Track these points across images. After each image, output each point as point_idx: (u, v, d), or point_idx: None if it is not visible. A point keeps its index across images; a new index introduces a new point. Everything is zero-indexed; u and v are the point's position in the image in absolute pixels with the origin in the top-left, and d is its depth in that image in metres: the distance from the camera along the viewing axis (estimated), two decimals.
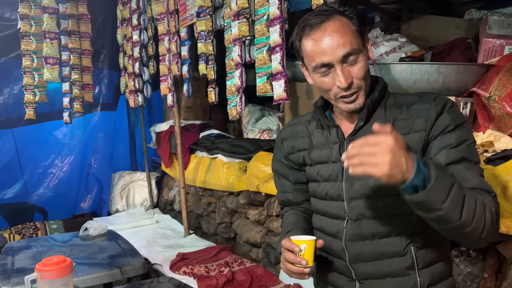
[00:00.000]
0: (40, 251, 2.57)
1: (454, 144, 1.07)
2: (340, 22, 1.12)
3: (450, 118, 1.09)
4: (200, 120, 4.19)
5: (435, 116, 1.09)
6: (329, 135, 1.24)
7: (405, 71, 2.01)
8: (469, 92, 2.12)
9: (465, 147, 1.08)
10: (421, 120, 1.11)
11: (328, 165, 1.23)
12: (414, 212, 1.05)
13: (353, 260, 1.18)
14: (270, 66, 2.24)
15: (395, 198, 1.10)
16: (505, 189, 1.53)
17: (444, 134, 1.09)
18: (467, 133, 1.10)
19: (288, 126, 1.39)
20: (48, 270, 1.72)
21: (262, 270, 2.59)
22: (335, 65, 1.11)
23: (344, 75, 1.11)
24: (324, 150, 1.24)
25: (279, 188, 1.45)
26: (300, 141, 1.31)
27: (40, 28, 3.95)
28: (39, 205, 4.17)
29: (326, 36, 1.10)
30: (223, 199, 3.40)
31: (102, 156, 4.50)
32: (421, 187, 0.92)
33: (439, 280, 1.18)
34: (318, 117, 1.26)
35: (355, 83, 1.13)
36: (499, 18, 2.51)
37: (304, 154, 1.30)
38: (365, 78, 1.14)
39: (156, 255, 2.99)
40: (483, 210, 0.98)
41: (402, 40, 2.90)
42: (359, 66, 1.12)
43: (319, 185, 1.27)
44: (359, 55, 1.12)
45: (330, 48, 1.10)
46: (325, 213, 1.26)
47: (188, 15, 3.01)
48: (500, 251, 1.59)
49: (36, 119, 4.05)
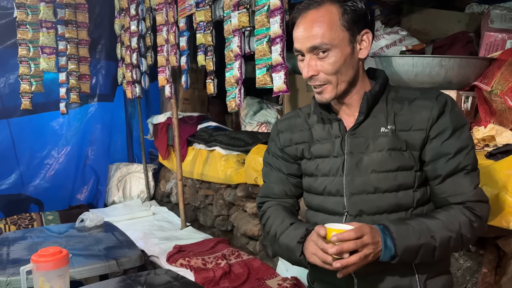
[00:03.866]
0: (36, 242, 2.54)
1: (452, 155, 1.10)
2: (324, 13, 1.10)
3: (451, 120, 1.10)
4: (198, 112, 4.17)
5: (437, 116, 1.10)
6: (330, 129, 1.22)
7: (407, 64, 1.99)
8: (470, 86, 2.10)
9: (463, 156, 1.10)
10: (423, 118, 1.12)
11: (329, 160, 1.21)
12: (412, 207, 1.09)
13: None
14: (270, 57, 2.21)
15: (394, 194, 1.12)
16: (506, 183, 1.52)
17: (443, 140, 1.10)
18: (465, 139, 1.12)
19: (285, 118, 1.37)
20: (44, 261, 1.69)
21: (259, 263, 2.59)
22: (304, 54, 1.13)
23: (309, 66, 1.12)
24: (326, 144, 1.22)
25: (268, 178, 1.39)
26: (299, 134, 1.29)
27: (37, 17, 3.89)
28: (35, 196, 4.14)
29: (303, 23, 1.12)
30: (221, 192, 3.39)
31: (99, 148, 4.46)
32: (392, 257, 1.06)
33: (437, 274, 1.20)
34: (319, 111, 1.23)
35: (322, 76, 1.13)
36: (501, 12, 2.49)
37: (303, 147, 1.28)
38: (337, 74, 1.12)
39: (153, 247, 2.98)
40: (460, 238, 1.09)
41: (402, 34, 2.88)
42: (329, 61, 1.11)
43: (316, 180, 1.24)
44: (330, 50, 1.10)
45: (301, 36, 1.12)
46: (321, 208, 1.24)
47: (187, 5, 2.98)
48: (500, 246, 1.58)
49: (32, 110, 4.01)
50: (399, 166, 1.13)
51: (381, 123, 1.15)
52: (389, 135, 1.13)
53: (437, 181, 1.13)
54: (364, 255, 1.00)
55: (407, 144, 1.13)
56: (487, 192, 1.31)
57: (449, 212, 1.10)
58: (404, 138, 1.13)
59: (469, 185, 1.11)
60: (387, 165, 1.13)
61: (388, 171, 1.13)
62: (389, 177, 1.13)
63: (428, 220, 1.09)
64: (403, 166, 1.13)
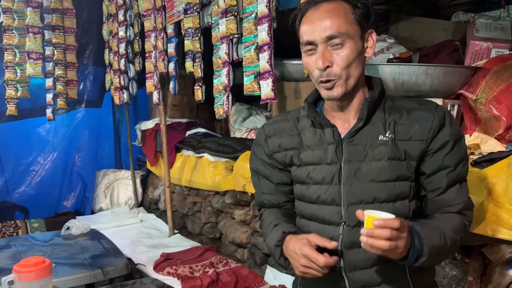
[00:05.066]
0: (20, 251, 2.50)
1: (452, 168, 1.12)
2: (337, 5, 1.09)
3: (451, 134, 1.11)
4: (186, 119, 4.15)
5: (438, 128, 1.11)
6: (323, 135, 1.17)
7: (394, 72, 2.00)
8: (456, 94, 2.13)
9: (461, 168, 1.13)
10: (423, 129, 1.11)
11: (321, 167, 1.16)
12: (409, 218, 1.11)
13: (349, 269, 1.13)
14: (258, 65, 2.21)
15: (392, 204, 1.12)
16: (490, 192, 1.53)
17: (445, 153, 1.11)
18: (464, 151, 1.15)
19: (273, 122, 1.29)
20: (26, 271, 1.67)
21: (247, 271, 2.57)
22: (318, 44, 1.09)
23: (324, 56, 1.08)
24: (317, 150, 1.17)
25: (258, 189, 1.35)
26: (288, 140, 1.23)
27: (23, 22, 3.85)
28: (20, 203, 4.08)
29: (317, 14, 1.09)
30: (209, 199, 3.37)
31: (86, 154, 4.42)
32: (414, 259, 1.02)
33: (428, 284, 1.21)
34: (313, 115, 1.18)
35: (334, 69, 1.08)
36: (486, 21, 2.52)
37: (292, 154, 1.22)
38: (349, 68, 1.09)
39: (140, 255, 2.94)
40: (460, 241, 1.12)
41: (390, 41, 2.91)
42: (344, 53, 1.08)
43: (308, 188, 1.19)
44: (346, 41, 1.07)
45: (317, 27, 1.08)
46: (315, 218, 1.18)
47: (175, 12, 2.97)
48: (485, 254, 1.59)
49: (18, 115, 3.95)
50: (398, 176, 1.11)
51: (379, 131, 1.12)
52: (389, 144, 1.11)
53: (436, 192, 1.12)
54: (395, 246, 0.96)
55: (406, 154, 1.11)
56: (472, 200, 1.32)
57: (449, 217, 1.12)
58: (404, 148, 1.11)
59: (465, 194, 1.14)
60: (387, 175, 1.10)
61: (387, 180, 1.10)
62: (388, 186, 1.10)
63: (437, 222, 1.10)
64: (401, 176, 1.11)
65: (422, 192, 1.16)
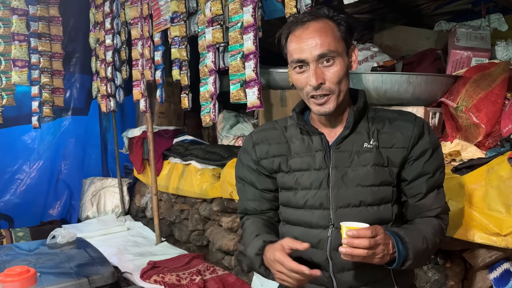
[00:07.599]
0: (4, 260, 2.47)
1: (431, 174, 1.19)
2: (324, 24, 1.14)
3: (430, 142, 1.19)
4: (173, 126, 4.15)
5: (418, 136, 1.18)
6: (311, 142, 1.23)
7: (376, 80, 2.04)
8: (438, 102, 2.17)
9: (439, 174, 1.21)
10: (404, 137, 1.18)
11: (309, 173, 1.21)
12: (392, 221, 1.18)
13: (338, 270, 1.17)
14: (243, 73, 2.24)
15: (377, 208, 1.18)
16: (470, 197, 1.57)
17: (425, 161, 1.18)
18: (441, 158, 1.23)
19: (261, 130, 1.34)
20: (10, 281, 1.65)
21: (234, 278, 2.57)
22: (310, 63, 1.13)
23: (316, 74, 1.12)
24: (305, 157, 1.22)
25: (242, 195, 1.38)
26: (276, 147, 1.27)
27: (9, 29, 3.83)
28: (5, 212, 4.02)
29: (306, 34, 1.13)
30: (196, 206, 3.37)
31: (72, 162, 4.39)
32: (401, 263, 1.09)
33: (410, 285, 1.26)
34: (302, 124, 1.23)
35: (327, 85, 1.14)
36: (467, 31, 2.59)
37: (280, 160, 1.26)
38: (340, 83, 1.15)
39: (127, 263, 2.93)
40: (438, 244, 1.19)
41: (374, 50, 2.95)
42: (334, 70, 1.13)
43: (295, 194, 1.23)
44: (336, 59, 1.13)
45: (307, 46, 1.13)
46: (301, 222, 1.22)
47: (162, 20, 2.99)
48: (466, 258, 1.62)
49: (3, 123, 3.93)
50: (382, 181, 1.17)
51: (364, 139, 1.19)
52: (373, 150, 1.18)
53: (417, 198, 1.20)
54: (373, 253, 1.02)
55: (389, 160, 1.18)
56: (452, 206, 1.37)
57: (429, 221, 1.19)
58: (386, 155, 1.18)
59: (442, 199, 1.22)
60: (372, 180, 1.17)
61: (372, 185, 1.17)
62: (373, 191, 1.17)
63: (419, 226, 1.17)
64: (385, 181, 1.18)
65: (403, 198, 1.23)
